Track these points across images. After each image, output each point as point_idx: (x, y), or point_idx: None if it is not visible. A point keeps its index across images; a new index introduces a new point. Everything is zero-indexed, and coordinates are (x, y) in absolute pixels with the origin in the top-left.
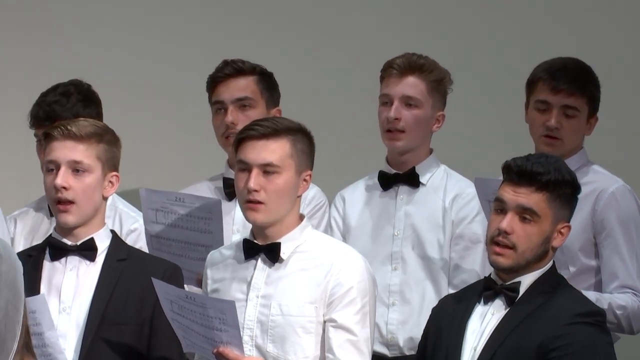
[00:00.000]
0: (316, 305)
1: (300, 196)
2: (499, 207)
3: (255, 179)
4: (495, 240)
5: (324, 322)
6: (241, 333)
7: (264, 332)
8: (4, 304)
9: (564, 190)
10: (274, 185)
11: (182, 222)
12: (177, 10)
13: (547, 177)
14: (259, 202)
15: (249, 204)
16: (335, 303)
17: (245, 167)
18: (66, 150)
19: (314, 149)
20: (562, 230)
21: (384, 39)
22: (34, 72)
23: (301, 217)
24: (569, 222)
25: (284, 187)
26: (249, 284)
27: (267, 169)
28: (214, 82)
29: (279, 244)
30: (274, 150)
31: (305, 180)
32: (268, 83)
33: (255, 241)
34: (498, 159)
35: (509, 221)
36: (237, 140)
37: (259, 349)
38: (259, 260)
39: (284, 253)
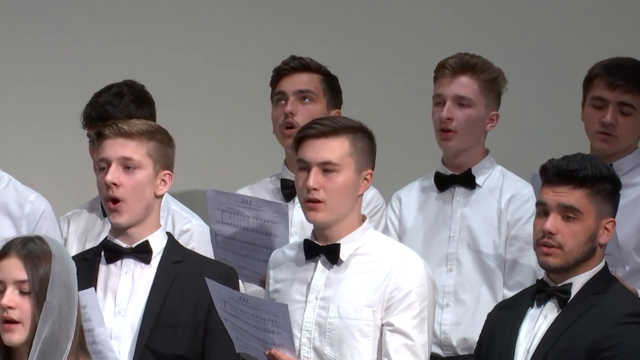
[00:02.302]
0: (374, 309)
1: (361, 196)
2: (541, 210)
3: (314, 178)
4: (542, 243)
5: (382, 325)
6: (300, 335)
7: (322, 335)
8: (58, 304)
9: (604, 185)
10: (333, 184)
11: (248, 224)
12: (232, 10)
13: (584, 173)
14: (319, 201)
15: (309, 203)
16: (393, 307)
17: (305, 166)
18: (117, 147)
19: (375, 148)
20: (607, 226)
21: (439, 39)
22: (88, 72)
23: (363, 218)
24: (613, 217)
25: (343, 185)
26: (308, 286)
27: (327, 168)
28: (279, 74)
29: (339, 245)
30: (333, 149)
31: (366, 179)
32: (332, 84)
33: (316, 242)
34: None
35: (552, 222)
36: (297, 139)
37: (316, 351)
38: (319, 262)
39: (343, 255)
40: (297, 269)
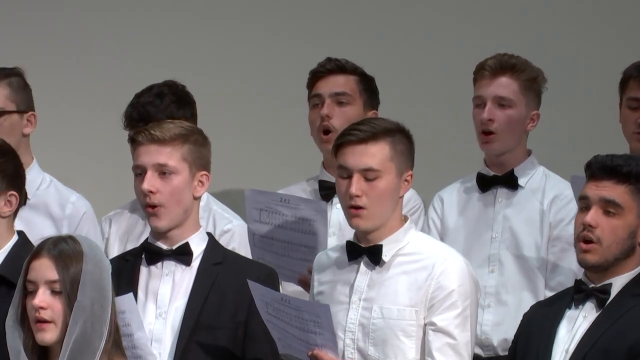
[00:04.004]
0: (417, 309)
1: (402, 197)
2: (583, 205)
3: (356, 185)
4: (581, 236)
5: (424, 325)
6: (343, 336)
7: (366, 335)
8: (89, 303)
9: None
10: (376, 190)
11: (286, 223)
12: (271, 11)
13: (627, 169)
14: (361, 208)
15: (352, 210)
16: (436, 306)
17: (346, 173)
18: (151, 154)
19: (413, 148)
20: None
21: (479, 39)
22: (129, 72)
23: (405, 219)
24: None
25: (385, 190)
26: (351, 287)
27: (368, 174)
28: (315, 77)
29: (381, 246)
30: (374, 154)
31: (406, 180)
32: (368, 85)
33: (358, 243)
34: None
35: (592, 215)
36: (336, 145)
37: (360, 352)
38: (362, 263)
39: (385, 255)
40: (340, 271)
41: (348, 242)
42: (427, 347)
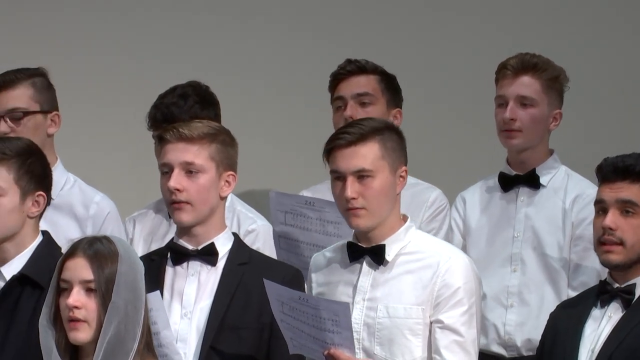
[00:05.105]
0: (423, 307)
1: (399, 194)
2: (599, 209)
3: (351, 187)
4: (602, 240)
5: (431, 323)
6: None
7: (371, 335)
8: (123, 304)
9: None
10: (371, 190)
11: (311, 225)
12: (296, 10)
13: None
14: (359, 208)
15: (350, 211)
16: (442, 304)
17: (339, 176)
18: (178, 152)
19: (404, 144)
20: None
21: (500, 38)
22: (153, 72)
23: (404, 218)
24: None
25: (381, 189)
26: (354, 287)
27: (361, 175)
28: (336, 79)
29: (384, 246)
30: (364, 155)
31: (401, 176)
32: (390, 84)
33: (359, 244)
34: None
35: (611, 217)
36: (326, 150)
37: (366, 351)
38: (364, 263)
39: (388, 255)
40: (341, 271)
41: (349, 243)
42: (434, 344)
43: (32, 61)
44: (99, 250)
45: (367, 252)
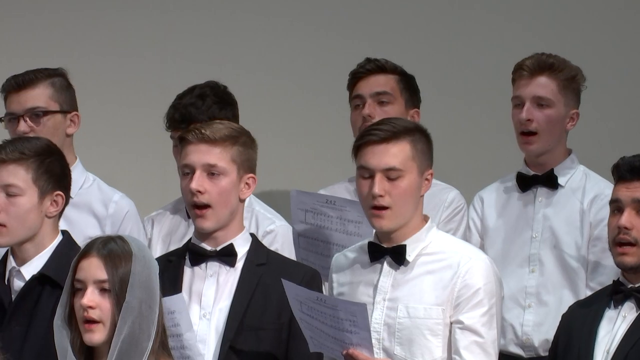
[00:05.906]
0: (443, 308)
1: (422, 196)
2: (615, 208)
3: (379, 185)
4: (617, 240)
5: (451, 324)
6: None
7: (391, 335)
8: (137, 303)
9: None
10: (399, 189)
11: (332, 224)
12: (315, 10)
13: None
14: (384, 208)
15: (374, 210)
16: (462, 305)
17: (368, 173)
18: (201, 154)
19: (432, 147)
20: None
21: (518, 38)
22: (171, 71)
23: (425, 218)
24: None
25: (408, 189)
26: (375, 287)
27: (391, 174)
28: (355, 78)
29: (405, 246)
30: (395, 154)
31: (427, 179)
32: (408, 84)
33: (380, 244)
34: None
35: (627, 217)
36: (356, 146)
37: (386, 351)
38: (385, 264)
39: (409, 255)
40: (362, 271)
41: (369, 243)
42: (454, 345)
43: (52, 61)
44: (112, 250)
45: (388, 252)
